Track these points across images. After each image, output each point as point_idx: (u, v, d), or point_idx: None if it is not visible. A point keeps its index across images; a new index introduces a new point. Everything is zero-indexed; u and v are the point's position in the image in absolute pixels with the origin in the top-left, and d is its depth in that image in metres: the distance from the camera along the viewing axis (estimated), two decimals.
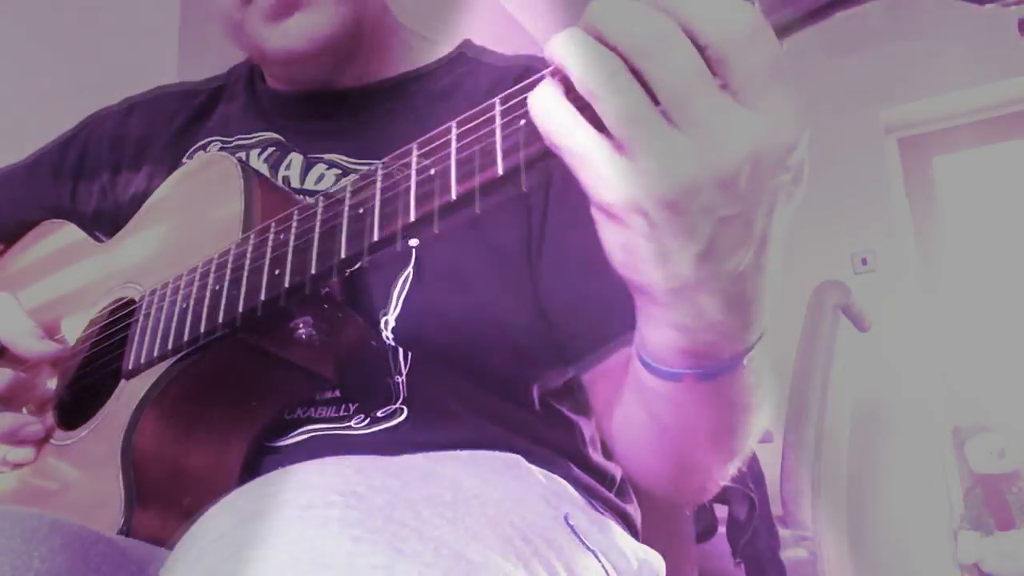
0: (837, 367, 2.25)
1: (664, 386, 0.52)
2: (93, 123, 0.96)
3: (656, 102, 0.39)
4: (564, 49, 0.40)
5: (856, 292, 2.32)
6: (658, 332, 0.48)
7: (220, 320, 0.59)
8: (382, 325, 0.69)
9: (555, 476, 0.69)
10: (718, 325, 0.45)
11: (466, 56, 0.84)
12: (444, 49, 0.85)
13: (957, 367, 3.06)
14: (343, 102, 0.83)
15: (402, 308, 0.70)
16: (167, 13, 0.78)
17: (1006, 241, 3.19)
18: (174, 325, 0.63)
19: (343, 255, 0.52)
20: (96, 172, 0.92)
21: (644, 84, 0.39)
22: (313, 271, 0.54)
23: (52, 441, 0.73)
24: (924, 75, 3.25)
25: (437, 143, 0.48)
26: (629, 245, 0.42)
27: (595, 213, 0.43)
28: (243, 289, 0.59)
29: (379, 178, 0.51)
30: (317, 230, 0.55)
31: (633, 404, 0.60)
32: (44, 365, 0.79)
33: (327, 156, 0.79)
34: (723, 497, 1.87)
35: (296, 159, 0.80)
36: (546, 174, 0.44)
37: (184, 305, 0.63)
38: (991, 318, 3.12)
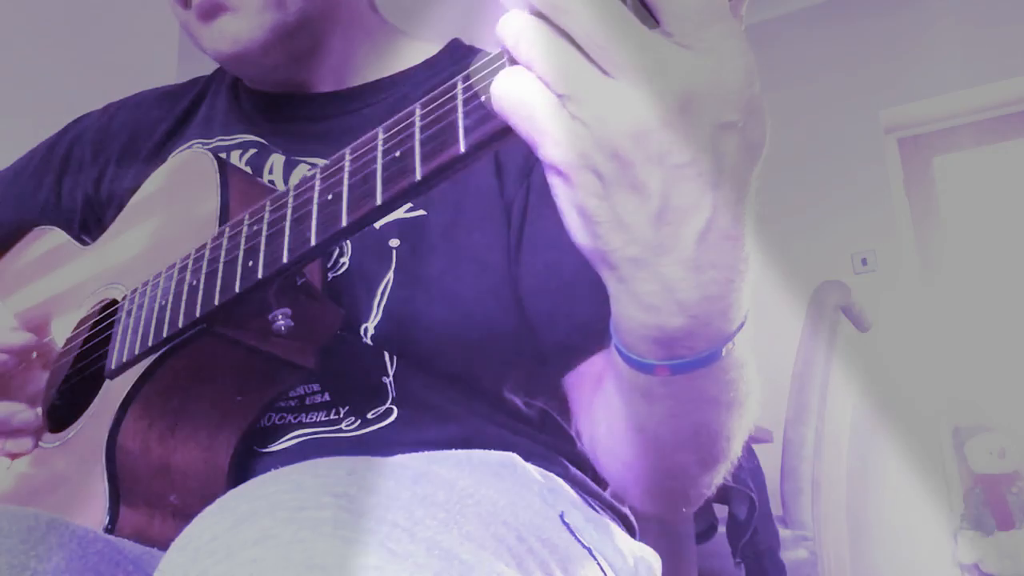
0: (837, 367, 2.24)
1: (640, 378, 0.50)
2: (77, 125, 0.97)
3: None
4: (501, 30, 0.41)
5: (856, 292, 2.32)
6: (629, 316, 0.46)
7: (198, 315, 0.60)
8: (361, 331, 0.70)
9: (551, 474, 0.69)
10: (688, 305, 0.43)
11: (452, 56, 0.84)
12: (433, 49, 0.86)
13: (957, 367, 3.06)
14: (324, 106, 0.83)
15: (383, 315, 0.70)
16: (167, 13, 0.78)
17: (1006, 241, 3.19)
18: (154, 323, 0.63)
19: (314, 243, 0.52)
20: (82, 172, 0.92)
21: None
22: (285, 261, 0.54)
23: (41, 444, 0.74)
24: (924, 75, 3.25)
25: (402, 124, 0.48)
26: (583, 208, 0.41)
27: (548, 177, 0.42)
28: (219, 283, 0.59)
29: (347, 163, 0.51)
30: (288, 219, 0.55)
31: (613, 395, 0.59)
32: (33, 364, 0.79)
33: (309, 159, 0.79)
34: (723, 497, 1.87)
35: (278, 160, 0.80)
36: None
37: (163, 302, 0.63)
38: (991, 318, 3.11)
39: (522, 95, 0.40)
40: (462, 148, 0.43)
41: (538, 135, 0.40)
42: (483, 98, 0.43)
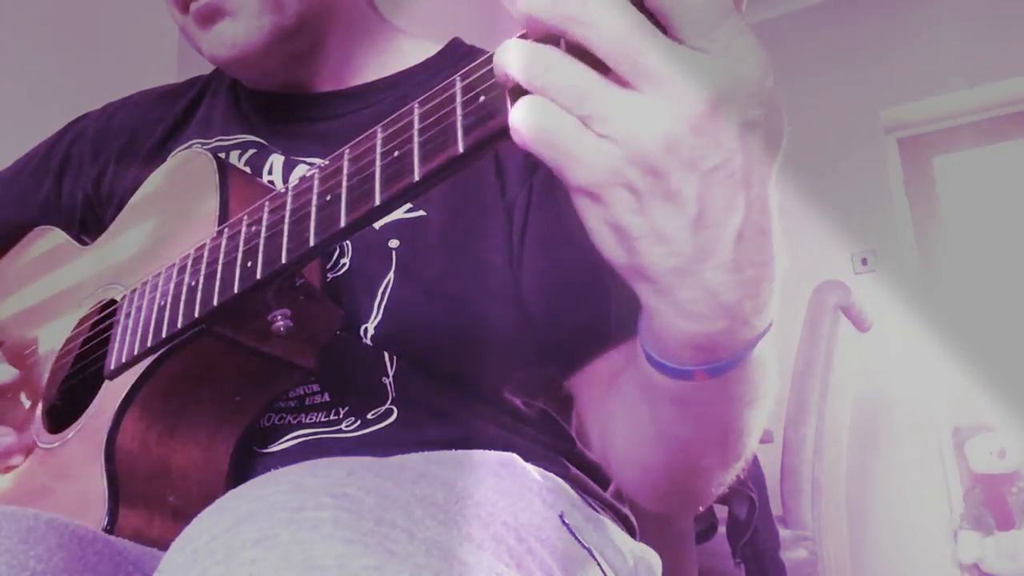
0: (837, 367, 2.24)
1: (674, 385, 0.50)
2: (77, 125, 0.97)
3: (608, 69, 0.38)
4: (504, 61, 0.40)
5: (856, 292, 2.32)
6: (669, 326, 0.45)
7: (196, 315, 0.60)
8: (361, 332, 0.70)
9: (551, 474, 0.69)
10: (731, 307, 0.43)
11: (453, 56, 0.84)
12: (434, 49, 0.85)
13: (957, 367, 3.06)
14: (323, 106, 0.83)
15: (383, 315, 0.70)
16: (167, 13, 0.78)
17: (1006, 241, 3.19)
18: (152, 323, 0.63)
19: (312, 243, 0.52)
20: (81, 172, 0.92)
21: (589, 55, 0.38)
22: (284, 261, 0.54)
23: (40, 445, 0.74)
24: (924, 75, 3.25)
25: (400, 124, 0.48)
26: (619, 226, 0.41)
27: (576, 200, 0.42)
28: (217, 283, 0.59)
29: (346, 163, 0.51)
30: (287, 220, 0.55)
31: (638, 402, 0.58)
32: (19, 385, 0.79)
33: (309, 159, 0.79)
34: (723, 497, 1.87)
35: (277, 161, 0.80)
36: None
37: (162, 302, 0.63)
38: (991, 318, 3.11)
39: (541, 122, 0.39)
40: (460, 148, 0.43)
41: (565, 161, 0.39)
42: (481, 98, 0.43)
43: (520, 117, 0.39)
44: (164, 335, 0.62)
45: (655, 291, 0.43)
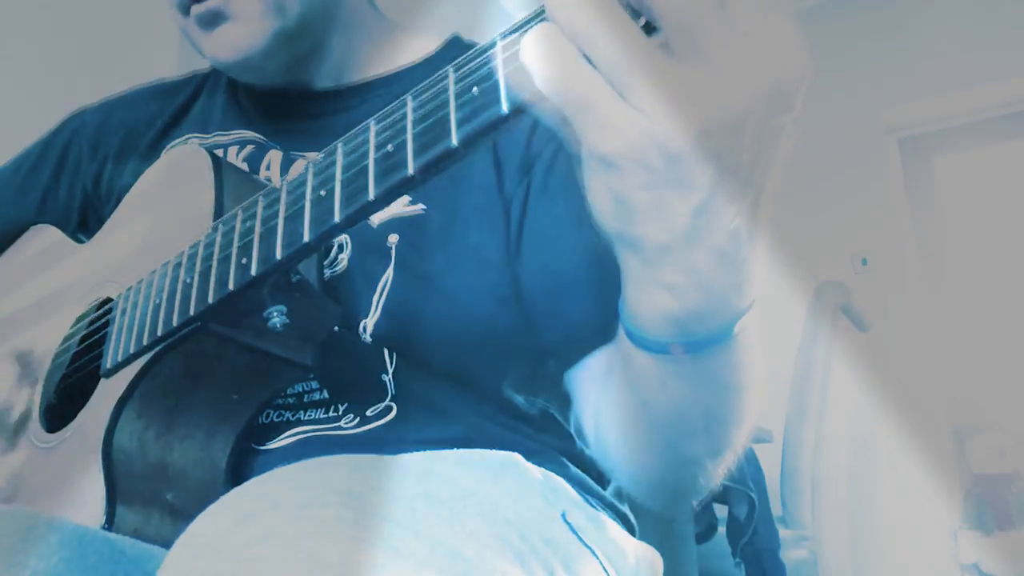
0: (837, 367, 2.24)
1: (652, 361, 0.50)
2: (74, 122, 0.96)
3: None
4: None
5: (856, 292, 2.32)
6: (646, 296, 0.45)
7: (192, 313, 0.59)
8: (360, 328, 0.69)
9: (552, 473, 0.69)
10: (709, 284, 0.43)
11: (452, 53, 0.84)
12: (432, 45, 0.85)
13: (957, 367, 3.06)
14: (322, 103, 0.83)
15: (382, 312, 0.70)
16: (167, 12, 0.78)
17: (1006, 241, 3.20)
18: (148, 321, 0.63)
19: (307, 239, 0.52)
20: (80, 169, 0.92)
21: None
22: (279, 257, 0.54)
23: (37, 444, 0.73)
24: (924, 75, 3.25)
25: (394, 117, 0.47)
26: (623, 196, 0.40)
27: (587, 160, 0.41)
28: (212, 280, 0.59)
29: (339, 157, 0.51)
30: (281, 215, 0.55)
31: (620, 386, 0.58)
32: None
33: (307, 155, 0.79)
34: (723, 497, 1.88)
35: (275, 157, 0.80)
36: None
37: (157, 300, 0.63)
38: (991, 318, 3.12)
39: (577, 76, 0.37)
40: (454, 141, 0.43)
41: (590, 125, 0.38)
42: (474, 90, 0.42)
43: (556, 69, 0.37)
44: (160, 333, 0.61)
45: (641, 260, 0.44)
